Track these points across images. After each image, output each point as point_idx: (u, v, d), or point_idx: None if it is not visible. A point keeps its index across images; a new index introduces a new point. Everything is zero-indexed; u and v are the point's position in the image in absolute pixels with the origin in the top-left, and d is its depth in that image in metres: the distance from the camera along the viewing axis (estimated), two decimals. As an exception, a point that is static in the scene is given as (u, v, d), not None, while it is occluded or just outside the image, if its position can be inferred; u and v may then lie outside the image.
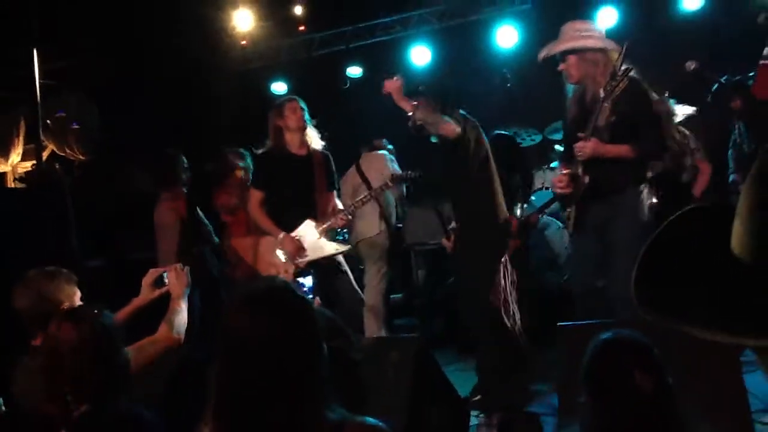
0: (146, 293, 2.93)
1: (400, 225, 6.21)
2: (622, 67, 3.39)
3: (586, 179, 3.59)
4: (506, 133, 5.80)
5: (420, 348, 3.20)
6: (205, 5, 6.95)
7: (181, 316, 2.79)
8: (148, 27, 6.67)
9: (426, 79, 7.23)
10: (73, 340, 2.08)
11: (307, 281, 2.63)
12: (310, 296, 2.42)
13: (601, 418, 1.85)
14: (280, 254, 4.40)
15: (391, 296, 7.21)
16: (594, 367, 1.90)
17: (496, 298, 4.16)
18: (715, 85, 3.95)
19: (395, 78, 4.08)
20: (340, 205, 4.73)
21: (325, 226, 4.42)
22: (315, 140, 4.56)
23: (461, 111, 4.18)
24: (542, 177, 6.11)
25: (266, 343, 1.48)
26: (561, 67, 3.72)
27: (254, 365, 1.49)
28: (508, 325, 4.28)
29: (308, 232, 4.40)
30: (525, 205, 5.85)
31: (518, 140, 6.46)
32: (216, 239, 5.40)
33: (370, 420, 1.59)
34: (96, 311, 2.23)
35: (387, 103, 7.62)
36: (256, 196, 4.52)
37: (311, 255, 4.35)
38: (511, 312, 4.42)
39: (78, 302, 2.65)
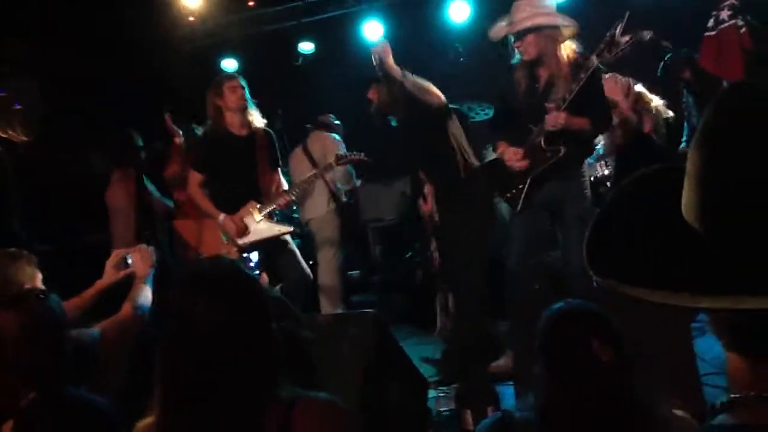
0: (110, 275, 2.88)
1: (351, 201, 6.18)
2: (624, 38, 3.36)
3: (561, 150, 3.57)
4: (460, 107, 5.80)
5: (377, 323, 3.19)
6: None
7: (146, 295, 2.75)
8: (93, 4, 6.46)
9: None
10: (14, 326, 2.01)
11: (253, 256, 2.58)
12: (257, 272, 2.39)
13: (557, 388, 1.86)
14: (223, 236, 4.36)
15: (349, 273, 7.22)
16: (549, 337, 1.90)
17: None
18: (668, 55, 4.00)
19: (383, 42, 4.10)
20: (285, 185, 4.67)
21: (268, 208, 4.36)
22: (257, 119, 4.46)
23: None
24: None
25: (211, 325, 1.44)
26: (516, 45, 3.72)
27: (199, 348, 1.45)
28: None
29: (251, 214, 4.36)
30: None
31: (472, 114, 6.46)
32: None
33: (322, 395, 1.57)
34: (40, 295, 2.15)
35: (340, 79, 7.57)
36: (195, 177, 4.45)
37: (253, 236, 4.32)
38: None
39: (39, 284, 2.57)
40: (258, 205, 4.35)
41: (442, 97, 4.14)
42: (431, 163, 4.36)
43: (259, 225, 4.34)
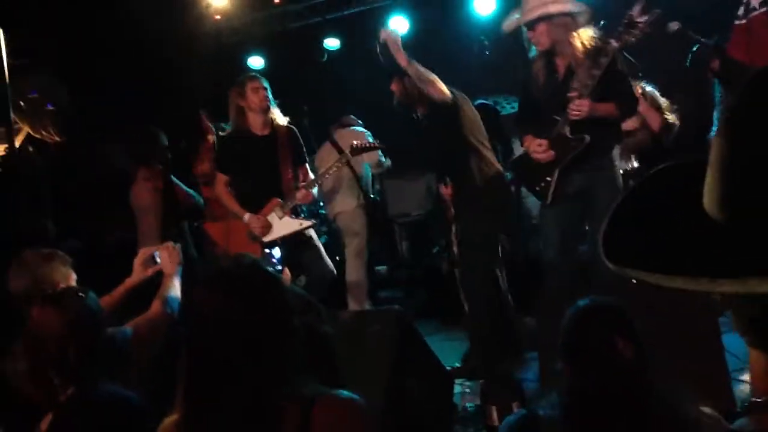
0: (138, 273, 2.93)
1: (377, 198, 6.18)
2: (642, 18, 3.28)
3: (586, 139, 3.51)
4: (487, 102, 5.76)
5: (401, 319, 3.18)
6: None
7: (175, 292, 2.78)
8: (119, 4, 6.52)
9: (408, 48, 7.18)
10: (55, 324, 2.06)
11: (276, 252, 2.59)
12: (279, 268, 2.41)
13: (580, 385, 1.84)
14: (249, 235, 4.38)
15: (376, 268, 7.23)
16: (573, 334, 1.89)
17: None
18: (696, 46, 3.92)
19: (390, 30, 4.08)
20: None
21: (290, 204, 4.38)
22: (279, 117, 4.48)
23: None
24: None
25: (231, 322, 1.46)
26: (529, 35, 3.68)
27: (221, 344, 1.47)
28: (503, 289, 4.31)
29: (274, 211, 4.38)
30: (507, 174, 5.84)
31: (498, 108, 6.41)
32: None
33: (344, 393, 1.57)
34: (80, 293, 2.20)
35: (366, 75, 7.56)
36: (221, 179, 4.53)
37: (277, 233, 4.34)
38: (501, 278, 4.45)
39: (74, 284, 2.62)
40: (281, 202, 4.37)
41: (446, 92, 4.02)
42: (445, 160, 4.33)
43: (283, 221, 4.36)
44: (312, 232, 4.57)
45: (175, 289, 2.80)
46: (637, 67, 4.71)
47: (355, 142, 4.82)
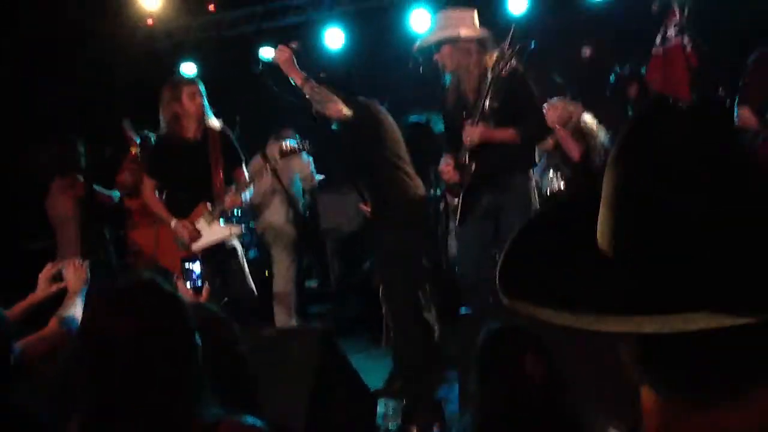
0: (43, 288, 2.85)
1: (307, 213, 6.13)
2: (509, 50, 3.41)
3: (473, 166, 3.61)
4: (419, 120, 5.79)
5: (324, 338, 3.14)
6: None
7: (75, 312, 2.66)
8: (51, 5, 6.31)
9: (338, 62, 7.18)
10: None
11: (196, 267, 2.48)
12: (199, 283, 2.33)
13: (491, 405, 1.84)
14: (177, 242, 4.27)
15: (306, 283, 7.16)
16: (485, 354, 1.89)
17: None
18: (612, 76, 4.05)
19: (288, 45, 4.01)
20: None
21: (218, 209, 4.28)
22: (213, 121, 4.36)
23: (360, 97, 4.15)
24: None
25: (128, 343, 1.42)
26: (435, 57, 3.73)
27: (117, 367, 1.42)
28: (425, 308, 4.29)
29: (203, 217, 4.28)
30: (439, 190, 5.87)
31: (431, 125, 6.45)
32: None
33: (248, 419, 1.54)
34: None
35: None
36: (148, 184, 4.39)
37: (205, 240, 4.25)
38: (427, 296, 4.44)
39: None
40: (209, 208, 4.27)
41: (345, 111, 3.95)
42: (361, 174, 4.32)
43: (212, 228, 4.26)
44: (238, 245, 4.47)
45: (76, 308, 2.70)
46: (566, 88, 4.84)
47: (283, 145, 4.72)
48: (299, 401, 2.91)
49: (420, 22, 7.11)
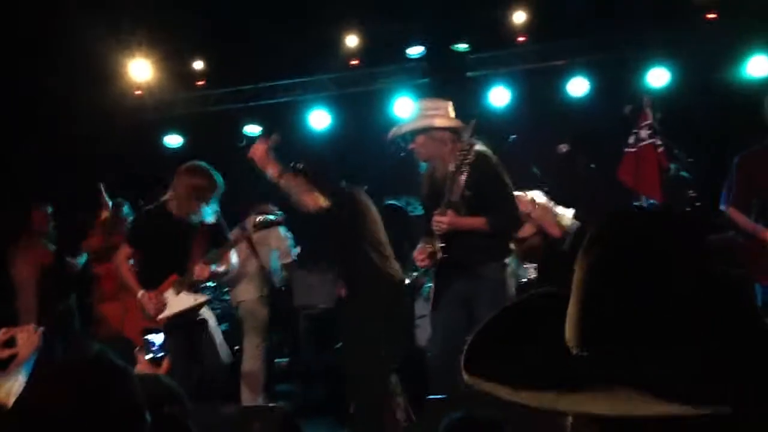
0: None
1: (284, 287, 6.09)
2: (469, 142, 3.51)
3: (440, 254, 3.63)
4: (395, 203, 5.88)
5: (285, 419, 3.06)
6: (100, 54, 6.74)
7: (17, 381, 2.56)
8: (37, 71, 6.40)
9: (319, 145, 7.32)
10: None
11: (157, 339, 2.41)
12: (160, 355, 2.26)
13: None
14: (144, 313, 4.23)
15: (276, 360, 7.01)
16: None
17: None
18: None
19: (267, 139, 4.08)
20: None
21: (188, 280, 4.25)
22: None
23: (342, 183, 4.20)
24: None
25: (66, 416, 1.36)
26: (410, 146, 3.82)
27: None
28: (393, 393, 4.21)
29: (173, 287, 4.26)
30: (415, 272, 5.87)
31: (410, 209, 6.52)
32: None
33: None
34: None
35: (282, 163, 7.59)
36: (124, 251, 4.40)
37: (170, 310, 4.23)
38: (393, 383, 4.36)
39: None
40: (180, 279, 4.25)
41: (321, 203, 4.01)
42: (337, 257, 4.33)
43: (179, 297, 4.24)
44: (209, 316, 4.41)
45: (20, 376, 2.60)
46: (539, 178, 4.95)
47: (258, 219, 4.73)
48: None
49: (403, 109, 7.30)
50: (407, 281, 5.46)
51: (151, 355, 2.21)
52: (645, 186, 3.25)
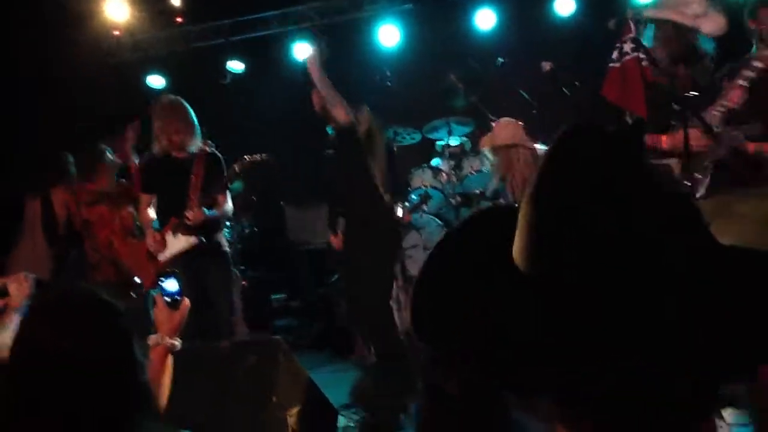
0: None
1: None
2: None
3: None
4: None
5: (281, 350, 3.10)
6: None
7: (7, 331, 2.58)
8: (13, 18, 6.23)
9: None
10: None
11: (170, 284, 2.39)
12: (177, 297, 2.26)
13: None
14: (147, 254, 4.38)
15: (274, 296, 7.11)
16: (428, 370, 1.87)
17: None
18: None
19: (317, 53, 4.18)
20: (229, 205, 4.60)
21: (182, 222, 4.29)
22: (200, 142, 4.46)
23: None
24: (421, 176, 6.13)
25: (56, 355, 1.36)
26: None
27: (44, 380, 1.36)
28: (397, 325, 4.26)
29: (172, 229, 4.34)
30: (404, 205, 5.89)
31: (399, 139, 6.47)
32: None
33: None
34: None
35: (271, 99, 7.49)
36: (145, 198, 4.47)
37: (169, 251, 4.32)
38: (397, 310, 4.42)
39: None
40: (176, 221, 4.30)
41: (348, 116, 4.08)
42: (344, 185, 4.30)
43: (177, 239, 4.31)
44: (223, 257, 4.46)
45: (11, 326, 2.62)
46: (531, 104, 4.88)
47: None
48: (255, 414, 2.88)
49: (388, 38, 7.15)
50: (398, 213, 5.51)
51: (168, 298, 2.21)
52: (629, 101, 3.19)
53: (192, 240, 4.28)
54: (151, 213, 4.46)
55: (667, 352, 0.71)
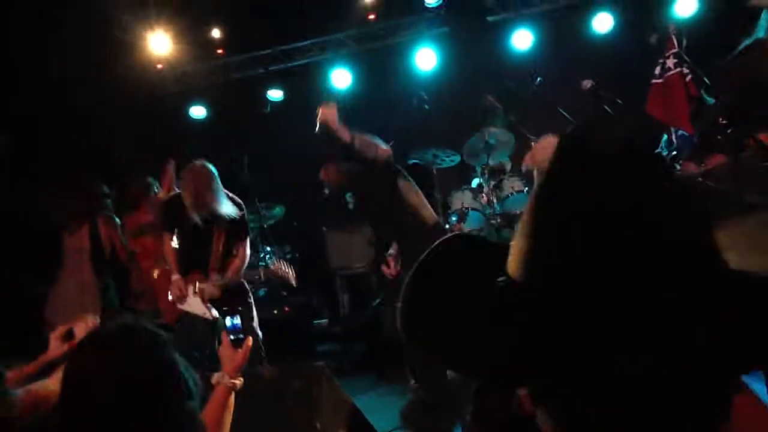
0: (54, 348, 2.71)
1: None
2: None
3: None
4: (417, 161, 5.93)
5: (325, 375, 3.09)
6: (119, 28, 6.74)
7: None
8: (61, 45, 6.43)
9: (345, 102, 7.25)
10: None
11: (236, 323, 2.40)
12: (242, 336, 2.26)
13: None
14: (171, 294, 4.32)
15: (315, 322, 7.11)
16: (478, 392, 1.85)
17: None
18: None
19: (332, 103, 4.09)
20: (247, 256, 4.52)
21: (203, 286, 4.26)
22: (224, 206, 4.30)
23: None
24: (461, 197, 6.10)
25: (105, 388, 1.39)
26: None
27: (94, 408, 1.38)
28: None
29: (193, 284, 4.30)
30: (454, 218, 5.91)
31: (438, 162, 6.47)
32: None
33: None
34: None
35: (310, 126, 7.57)
36: (167, 237, 4.42)
37: (186, 307, 4.26)
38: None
39: None
40: (198, 280, 4.27)
41: (389, 151, 4.09)
42: (389, 228, 4.30)
43: (195, 299, 4.26)
44: (247, 290, 4.46)
45: None
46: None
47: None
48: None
49: (424, 62, 7.18)
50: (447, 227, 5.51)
51: (232, 336, 2.23)
52: (674, 117, 3.13)
53: (209, 313, 4.22)
54: (174, 243, 4.42)
55: (670, 356, 0.73)
